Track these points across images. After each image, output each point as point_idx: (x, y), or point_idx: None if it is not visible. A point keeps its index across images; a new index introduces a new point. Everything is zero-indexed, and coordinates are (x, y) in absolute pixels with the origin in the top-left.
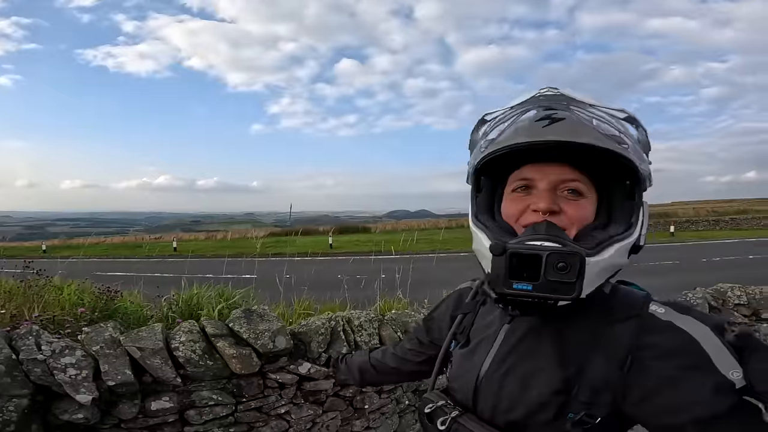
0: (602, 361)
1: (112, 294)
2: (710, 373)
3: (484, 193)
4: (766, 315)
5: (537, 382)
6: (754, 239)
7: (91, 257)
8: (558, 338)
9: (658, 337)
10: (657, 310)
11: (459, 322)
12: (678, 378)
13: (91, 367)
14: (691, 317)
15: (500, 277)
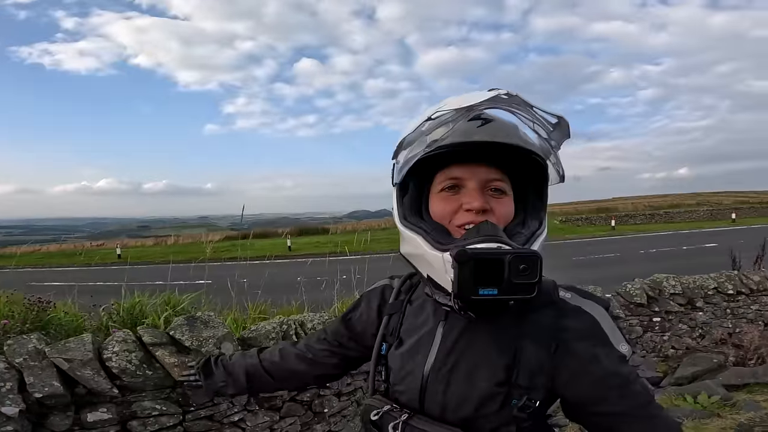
0: (532, 347)
1: (43, 305)
2: (612, 348)
3: (410, 193)
4: (700, 303)
5: (481, 375)
6: (686, 231)
7: (24, 267)
8: (492, 331)
9: (573, 321)
10: (565, 296)
11: (387, 323)
12: (596, 355)
13: (15, 379)
14: (591, 301)
15: (467, 285)
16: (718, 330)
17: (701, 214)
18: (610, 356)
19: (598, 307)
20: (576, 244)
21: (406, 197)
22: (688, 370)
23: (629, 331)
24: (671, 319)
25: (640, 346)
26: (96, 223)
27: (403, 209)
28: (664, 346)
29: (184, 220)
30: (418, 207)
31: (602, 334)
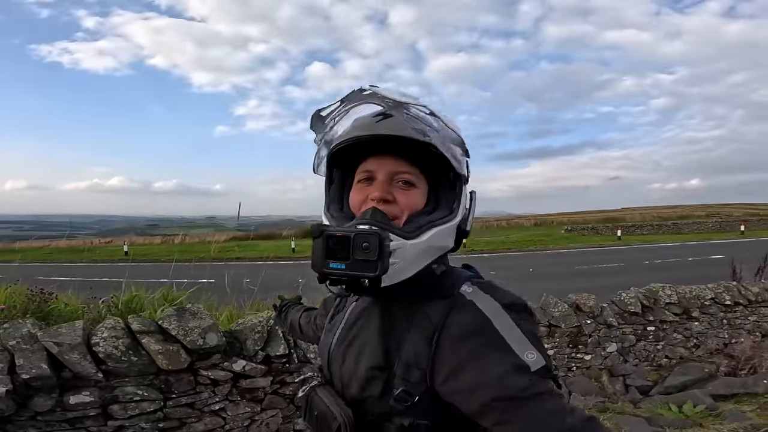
0: (415, 338)
1: (45, 296)
2: (506, 354)
3: (335, 184)
4: (696, 314)
5: (365, 356)
6: (694, 242)
7: (32, 261)
8: (384, 315)
9: (459, 316)
10: (466, 290)
11: (337, 304)
12: (476, 357)
13: (6, 360)
14: (490, 296)
15: (318, 258)
16: (713, 340)
17: (710, 225)
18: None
19: (493, 302)
20: (580, 253)
21: (331, 188)
22: (677, 380)
23: (621, 339)
24: (666, 329)
25: (633, 355)
26: (105, 220)
27: (328, 199)
28: (657, 355)
29: (192, 220)
30: (341, 197)
31: (493, 334)
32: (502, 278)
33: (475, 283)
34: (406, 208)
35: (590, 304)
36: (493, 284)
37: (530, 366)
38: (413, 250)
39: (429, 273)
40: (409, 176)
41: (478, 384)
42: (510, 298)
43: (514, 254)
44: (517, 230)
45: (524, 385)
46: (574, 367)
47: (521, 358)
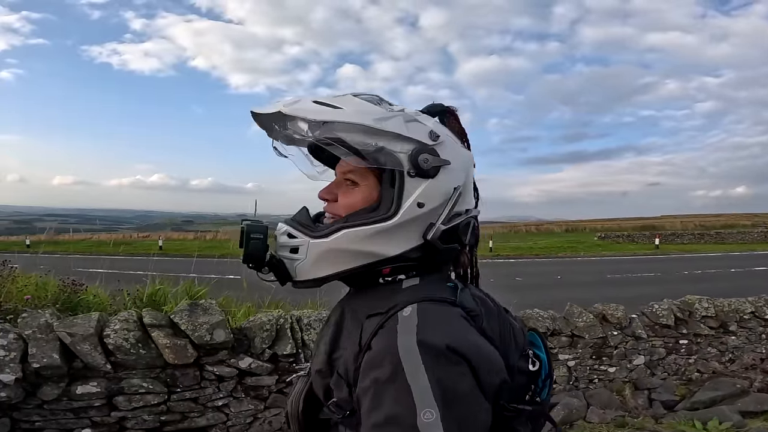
0: (348, 352)
1: (75, 287)
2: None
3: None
4: (733, 327)
5: (317, 357)
6: (737, 253)
7: (74, 253)
8: (338, 321)
9: (378, 340)
10: (403, 314)
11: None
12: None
13: (20, 349)
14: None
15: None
16: (749, 355)
17: (755, 235)
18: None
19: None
20: (613, 261)
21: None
22: (707, 395)
23: (650, 351)
24: (700, 342)
25: (661, 368)
26: (144, 215)
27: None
28: (688, 369)
29: (224, 217)
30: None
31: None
32: (527, 285)
33: (422, 307)
34: (343, 208)
35: (618, 314)
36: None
37: (420, 428)
38: (315, 249)
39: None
40: (352, 175)
41: (364, 422)
42: (429, 336)
43: (542, 260)
44: (546, 236)
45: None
46: (596, 379)
47: (413, 413)
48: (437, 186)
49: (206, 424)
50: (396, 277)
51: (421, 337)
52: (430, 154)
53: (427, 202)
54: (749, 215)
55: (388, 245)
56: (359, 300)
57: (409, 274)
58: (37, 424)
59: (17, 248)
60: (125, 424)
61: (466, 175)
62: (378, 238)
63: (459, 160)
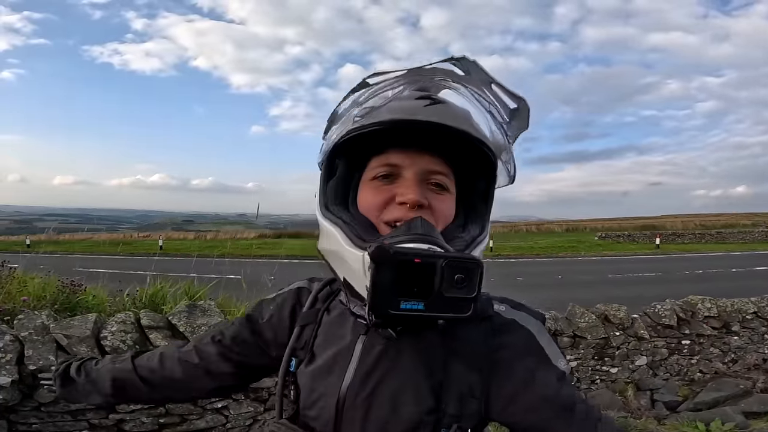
0: (462, 368)
1: (74, 288)
2: (550, 366)
3: (337, 178)
4: (736, 328)
5: (407, 400)
6: (738, 252)
7: (74, 253)
8: (418, 349)
9: (508, 337)
10: (500, 309)
11: (299, 335)
12: (533, 376)
13: (16, 351)
14: (525, 313)
15: (384, 295)
16: (752, 355)
17: (756, 235)
18: (549, 375)
19: (533, 319)
20: (613, 261)
21: (331, 183)
22: (710, 395)
23: (653, 352)
24: (702, 343)
25: (664, 369)
26: (145, 215)
27: (325, 197)
28: (691, 369)
29: (224, 217)
30: (345, 196)
31: (539, 350)
32: (528, 285)
33: (501, 300)
34: (441, 218)
35: (620, 315)
36: (516, 301)
37: (566, 371)
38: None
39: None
40: (444, 178)
41: (539, 402)
42: (540, 314)
43: (542, 260)
44: (547, 236)
45: (571, 392)
46: (598, 380)
47: (560, 368)
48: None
49: (205, 427)
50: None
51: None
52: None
53: None
54: (750, 215)
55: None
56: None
57: None
58: (35, 426)
59: (18, 248)
60: (123, 426)
61: None
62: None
63: None
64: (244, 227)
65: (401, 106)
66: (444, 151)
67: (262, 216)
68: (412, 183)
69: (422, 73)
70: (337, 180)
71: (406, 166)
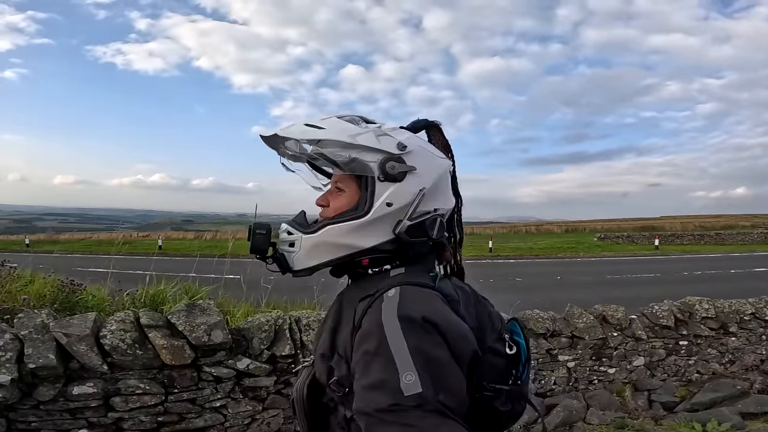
0: (345, 332)
1: (74, 287)
2: (385, 366)
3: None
4: (734, 329)
5: (320, 343)
6: (737, 254)
7: (74, 252)
8: (337, 308)
9: (367, 318)
10: (388, 294)
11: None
12: (362, 362)
13: (16, 349)
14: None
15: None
16: (750, 356)
17: (755, 236)
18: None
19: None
20: (612, 262)
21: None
22: (706, 396)
23: (650, 352)
24: (700, 344)
25: (661, 370)
26: (144, 215)
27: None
28: (688, 370)
29: (224, 217)
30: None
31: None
32: (527, 286)
33: (403, 289)
34: (332, 211)
35: (618, 315)
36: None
37: (403, 390)
38: (306, 243)
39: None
40: (338, 183)
41: (356, 389)
42: (408, 310)
43: (542, 261)
44: (546, 236)
45: (382, 405)
46: (595, 380)
47: (396, 377)
48: (404, 188)
49: (204, 425)
50: (383, 267)
51: (401, 312)
52: (397, 162)
53: (395, 202)
54: (749, 216)
55: (363, 238)
56: (354, 289)
57: (394, 265)
58: (33, 424)
59: (17, 247)
60: (122, 425)
61: (436, 178)
62: (354, 233)
63: (427, 167)
64: (244, 227)
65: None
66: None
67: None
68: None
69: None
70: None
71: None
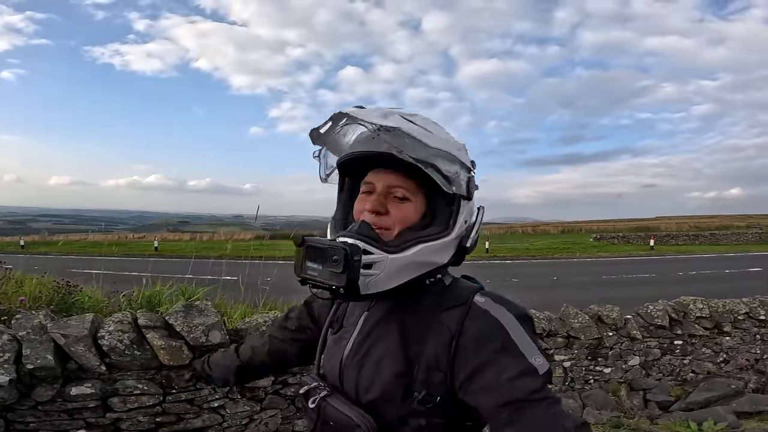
0: (434, 344)
1: (70, 289)
2: (519, 359)
3: (344, 192)
4: (728, 328)
5: (386, 365)
6: (732, 254)
7: (68, 254)
8: (401, 325)
9: (476, 323)
10: (479, 300)
11: (335, 311)
12: (492, 362)
13: (14, 350)
14: (502, 307)
15: (298, 263)
16: (744, 356)
17: (750, 236)
18: (510, 364)
19: (507, 313)
20: (608, 263)
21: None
22: (701, 395)
23: (645, 352)
24: (694, 343)
25: (656, 369)
26: (140, 216)
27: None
28: (683, 370)
29: (220, 218)
30: (349, 204)
31: (507, 341)
32: (524, 286)
33: (485, 294)
34: (397, 221)
35: (613, 315)
36: (501, 296)
37: (538, 369)
38: (394, 264)
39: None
40: (403, 191)
41: (494, 385)
42: (519, 310)
43: (538, 261)
44: (542, 237)
45: (534, 387)
46: (591, 380)
47: (531, 362)
48: (472, 205)
49: (202, 426)
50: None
51: (513, 311)
52: (473, 181)
53: (468, 220)
54: (744, 216)
55: (444, 255)
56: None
57: (444, 274)
58: (32, 425)
59: (11, 249)
60: (120, 425)
61: None
62: (441, 251)
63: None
64: (240, 228)
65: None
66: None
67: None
68: (375, 196)
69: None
70: (344, 193)
71: (375, 183)
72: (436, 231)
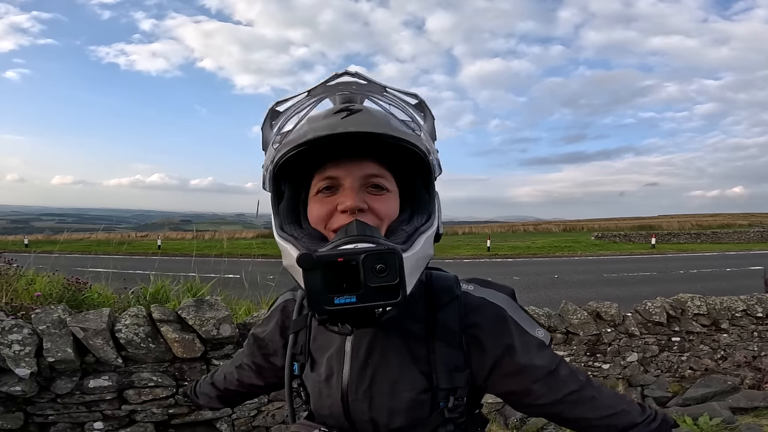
0: (444, 347)
1: (80, 286)
2: (527, 336)
3: (286, 199)
4: (725, 325)
5: (403, 387)
6: (733, 252)
7: (72, 253)
8: (401, 338)
9: (480, 314)
10: (469, 289)
11: (294, 342)
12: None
13: (35, 344)
14: (492, 290)
15: (319, 295)
16: (741, 352)
17: (752, 235)
18: (526, 346)
19: (501, 294)
20: (609, 261)
21: (281, 204)
22: (698, 391)
23: (643, 348)
24: (692, 340)
25: (655, 366)
26: (142, 215)
27: (279, 219)
28: (681, 366)
29: (222, 217)
30: (296, 214)
31: (513, 323)
32: (525, 284)
33: (470, 281)
34: (384, 217)
35: (611, 312)
36: (483, 279)
37: (545, 340)
38: (410, 262)
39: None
40: (381, 179)
41: (520, 368)
42: (507, 289)
43: (539, 260)
44: (544, 235)
45: (551, 357)
46: (590, 376)
47: (537, 337)
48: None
49: (212, 417)
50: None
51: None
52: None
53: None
54: (746, 215)
55: (432, 247)
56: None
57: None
58: (50, 417)
59: (15, 248)
60: (135, 417)
61: None
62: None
63: None
64: (242, 227)
65: (322, 124)
66: (378, 154)
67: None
68: (349, 191)
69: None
70: (287, 201)
71: (343, 177)
72: (423, 221)
